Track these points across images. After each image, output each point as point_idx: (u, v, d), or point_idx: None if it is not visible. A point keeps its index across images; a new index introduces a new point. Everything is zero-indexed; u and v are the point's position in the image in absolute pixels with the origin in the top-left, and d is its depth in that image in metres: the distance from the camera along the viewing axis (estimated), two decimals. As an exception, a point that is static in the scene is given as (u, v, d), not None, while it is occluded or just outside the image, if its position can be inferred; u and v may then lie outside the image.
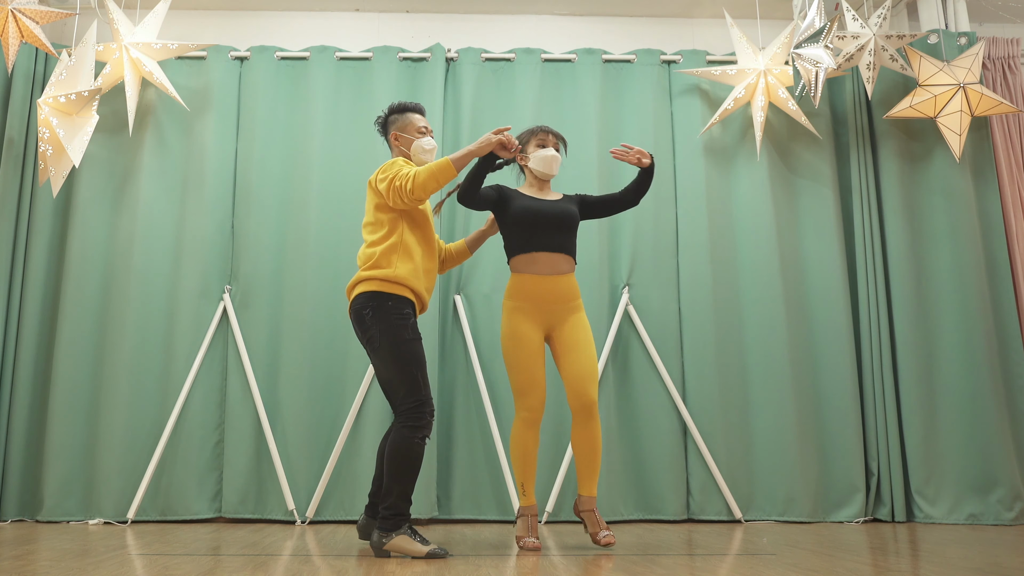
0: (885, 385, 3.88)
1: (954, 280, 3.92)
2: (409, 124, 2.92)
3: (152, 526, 3.53)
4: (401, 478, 2.53)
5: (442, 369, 3.85)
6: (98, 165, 4.00)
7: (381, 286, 2.65)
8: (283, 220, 3.97)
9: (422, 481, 3.62)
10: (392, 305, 2.63)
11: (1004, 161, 4.17)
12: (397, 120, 2.95)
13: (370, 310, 2.63)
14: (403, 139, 2.91)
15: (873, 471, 3.83)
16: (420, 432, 2.55)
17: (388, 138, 2.96)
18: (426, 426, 2.57)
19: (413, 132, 2.91)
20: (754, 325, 3.95)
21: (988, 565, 2.34)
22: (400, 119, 2.94)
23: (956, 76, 3.95)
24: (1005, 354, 3.92)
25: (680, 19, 4.51)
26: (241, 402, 3.78)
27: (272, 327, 3.87)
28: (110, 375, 3.78)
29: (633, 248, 3.99)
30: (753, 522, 3.73)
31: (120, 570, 2.23)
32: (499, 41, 4.39)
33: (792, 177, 4.17)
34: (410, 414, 2.56)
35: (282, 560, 2.46)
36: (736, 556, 2.56)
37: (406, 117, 2.94)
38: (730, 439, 3.83)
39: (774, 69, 4.02)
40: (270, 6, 4.39)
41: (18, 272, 3.86)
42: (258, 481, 3.72)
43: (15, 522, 3.65)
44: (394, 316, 2.62)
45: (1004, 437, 3.76)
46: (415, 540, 2.52)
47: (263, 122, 4.06)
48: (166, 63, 4.07)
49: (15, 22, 3.62)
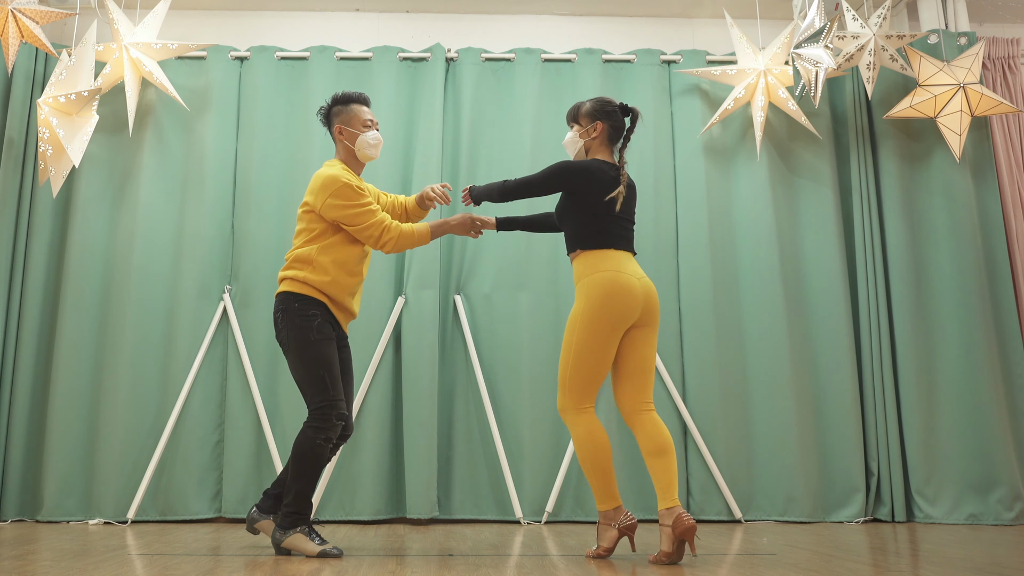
0: (885, 385, 3.87)
1: (954, 280, 3.92)
2: (354, 117, 2.80)
3: (152, 526, 3.53)
4: (300, 477, 2.56)
5: (442, 369, 3.85)
6: (98, 165, 4.00)
7: (291, 286, 2.66)
8: (283, 220, 3.97)
9: (422, 481, 3.62)
10: (299, 307, 2.63)
11: (1004, 161, 4.17)
12: (341, 112, 2.82)
13: (280, 312, 2.66)
14: (348, 133, 2.79)
15: (873, 471, 3.83)
16: (323, 433, 2.56)
17: (332, 131, 2.84)
18: (330, 428, 2.57)
19: (358, 126, 2.79)
20: (754, 325, 3.95)
21: (988, 565, 2.33)
22: (344, 111, 2.82)
23: (956, 76, 3.94)
24: (1005, 354, 3.92)
25: (680, 19, 4.51)
26: (241, 402, 3.78)
27: (272, 327, 3.85)
28: (110, 375, 3.78)
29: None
30: (753, 522, 3.73)
31: (120, 570, 2.23)
32: (499, 41, 4.39)
33: (792, 177, 4.17)
34: (316, 414, 2.58)
35: (282, 560, 2.46)
36: (736, 556, 2.56)
37: (350, 109, 2.82)
38: (730, 439, 3.83)
39: (774, 69, 4.02)
40: (270, 6, 4.39)
41: (18, 272, 3.86)
42: (258, 481, 3.72)
43: (15, 522, 3.65)
44: (299, 318, 2.62)
45: (1004, 437, 3.76)
46: (310, 539, 2.55)
47: (263, 122, 4.05)
48: (166, 63, 4.07)
49: (15, 22, 3.62)
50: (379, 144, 2.82)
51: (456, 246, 4.00)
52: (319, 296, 2.66)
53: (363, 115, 2.81)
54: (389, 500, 3.71)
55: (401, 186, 4.01)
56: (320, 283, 2.65)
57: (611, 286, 2.45)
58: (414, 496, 3.61)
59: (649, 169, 4.06)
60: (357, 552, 2.67)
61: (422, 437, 3.67)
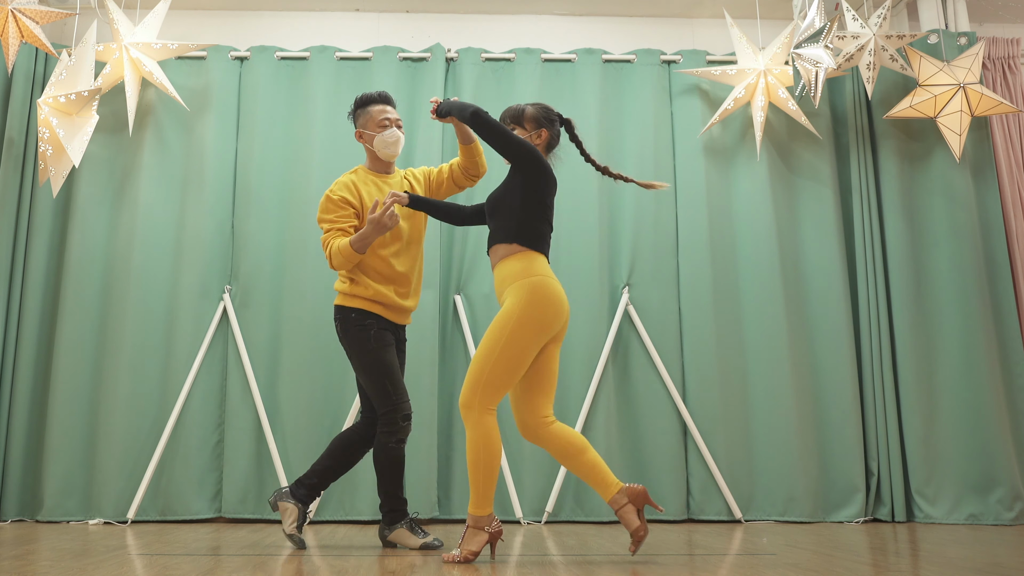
0: (885, 385, 3.88)
1: (954, 280, 3.92)
2: (370, 119, 2.83)
3: (152, 526, 3.53)
4: (385, 480, 2.73)
5: (442, 369, 3.85)
6: (98, 165, 4.00)
7: (344, 300, 2.77)
8: (283, 220, 3.97)
9: (422, 481, 3.62)
10: (355, 317, 2.73)
11: (1004, 161, 4.17)
12: (359, 115, 2.87)
13: (339, 321, 2.77)
14: (366, 136, 2.84)
15: (873, 471, 3.83)
16: (394, 437, 2.69)
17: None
18: (399, 430, 2.69)
19: (373, 127, 2.82)
20: (754, 325, 3.95)
21: (988, 565, 2.34)
22: (362, 114, 2.86)
23: (956, 76, 3.94)
24: (1005, 354, 3.92)
25: (680, 19, 4.51)
26: (241, 402, 3.78)
27: (272, 327, 3.87)
28: (110, 375, 3.78)
29: (633, 248, 3.99)
30: (753, 522, 3.73)
31: (120, 570, 2.23)
32: (499, 41, 4.39)
33: (792, 177, 4.17)
34: (384, 420, 2.70)
35: (282, 560, 2.46)
36: (736, 556, 2.56)
37: (367, 112, 2.85)
38: (730, 439, 3.83)
39: (774, 69, 4.02)
40: (270, 6, 4.39)
41: (18, 272, 3.86)
42: (258, 481, 3.72)
43: (15, 522, 3.65)
44: (357, 328, 2.72)
45: (1004, 437, 3.76)
46: (413, 532, 2.74)
47: (263, 122, 4.06)
48: (166, 63, 4.07)
49: (15, 22, 3.62)
50: (398, 141, 2.83)
51: (456, 246, 4.00)
52: (370, 307, 2.74)
53: (377, 115, 2.83)
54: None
55: (401, 186, 4.01)
56: (366, 294, 2.73)
57: (550, 292, 2.41)
58: (414, 496, 3.61)
59: (649, 169, 4.06)
60: (357, 552, 2.67)
61: (422, 437, 3.67)
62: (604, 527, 3.53)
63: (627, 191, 4.05)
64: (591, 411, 3.78)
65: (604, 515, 3.67)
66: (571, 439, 2.42)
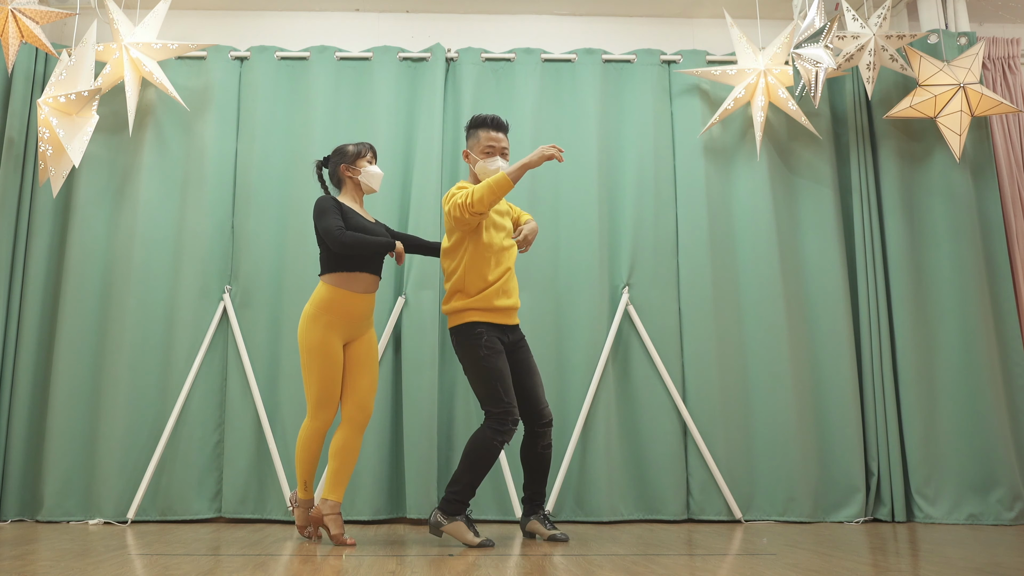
0: (885, 385, 3.88)
1: (954, 280, 3.92)
2: (476, 143, 2.98)
3: (152, 526, 3.53)
4: (472, 470, 2.81)
5: (442, 369, 3.85)
6: (98, 165, 4.00)
7: (455, 319, 2.96)
8: (283, 220, 3.97)
9: (422, 481, 3.62)
10: (466, 331, 2.93)
11: (1004, 161, 4.17)
12: (469, 137, 3.01)
13: (454, 337, 2.98)
14: (471, 158, 2.99)
15: (873, 471, 3.83)
16: (500, 436, 2.82)
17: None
18: (507, 432, 2.83)
19: (478, 152, 2.97)
20: (754, 325, 3.95)
21: (988, 565, 2.34)
22: (471, 136, 3.00)
23: (956, 76, 3.94)
24: (1005, 354, 3.92)
25: (680, 19, 4.52)
26: (241, 402, 3.78)
27: (272, 327, 3.87)
28: (110, 375, 3.78)
29: (633, 248, 3.99)
30: (753, 522, 3.73)
31: (120, 570, 2.23)
32: (499, 41, 4.39)
33: (792, 177, 4.17)
34: (497, 418, 2.83)
35: (282, 560, 2.46)
36: (736, 556, 2.56)
37: (476, 135, 2.99)
38: (730, 439, 3.83)
39: (774, 69, 4.02)
40: (270, 6, 4.39)
41: (18, 272, 3.86)
42: (258, 481, 3.72)
43: (15, 522, 3.65)
44: (469, 340, 2.91)
45: (1004, 437, 3.76)
46: (470, 530, 2.80)
47: (263, 122, 4.05)
48: (166, 63, 4.07)
49: (15, 22, 3.62)
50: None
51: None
52: (477, 318, 2.90)
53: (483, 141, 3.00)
54: (389, 500, 3.71)
55: (401, 187, 4.01)
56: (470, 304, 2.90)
57: None
58: (414, 496, 3.61)
59: (649, 169, 4.07)
60: (357, 552, 2.67)
61: (422, 437, 3.67)
62: (604, 527, 3.53)
63: (627, 191, 4.05)
64: (591, 411, 3.78)
65: (604, 515, 3.67)
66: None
